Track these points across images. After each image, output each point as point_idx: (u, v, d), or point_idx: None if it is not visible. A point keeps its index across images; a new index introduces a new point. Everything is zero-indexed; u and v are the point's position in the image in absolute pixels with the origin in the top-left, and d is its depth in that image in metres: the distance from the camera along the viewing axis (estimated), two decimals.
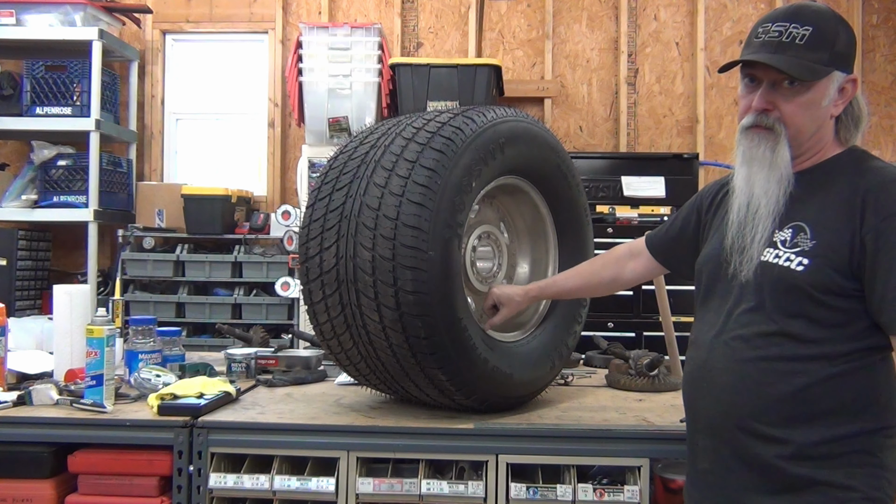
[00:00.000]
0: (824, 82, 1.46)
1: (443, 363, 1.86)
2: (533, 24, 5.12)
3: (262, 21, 5.19)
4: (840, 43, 1.46)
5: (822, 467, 1.42)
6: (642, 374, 2.44)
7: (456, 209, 1.86)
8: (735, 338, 1.49)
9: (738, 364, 1.48)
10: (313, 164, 4.40)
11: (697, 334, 1.60)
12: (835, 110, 1.50)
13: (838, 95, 1.49)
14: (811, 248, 1.44)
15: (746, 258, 1.50)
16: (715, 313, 1.56)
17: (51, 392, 2.07)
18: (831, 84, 1.47)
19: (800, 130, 1.49)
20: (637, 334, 4.21)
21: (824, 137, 1.52)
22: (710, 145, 5.01)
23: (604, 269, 2.00)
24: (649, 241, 1.90)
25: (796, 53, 1.44)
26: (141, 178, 5.14)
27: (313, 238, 1.95)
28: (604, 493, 1.85)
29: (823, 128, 1.51)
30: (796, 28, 1.45)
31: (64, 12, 4.54)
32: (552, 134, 2.23)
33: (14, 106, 4.57)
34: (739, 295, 1.52)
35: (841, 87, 1.49)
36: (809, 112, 1.48)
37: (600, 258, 2.04)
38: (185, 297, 4.60)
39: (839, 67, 1.46)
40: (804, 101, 1.47)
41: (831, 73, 1.46)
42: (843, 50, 1.47)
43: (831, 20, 1.47)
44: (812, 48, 1.44)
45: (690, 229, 1.76)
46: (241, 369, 2.52)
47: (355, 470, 1.89)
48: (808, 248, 1.44)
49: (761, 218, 1.49)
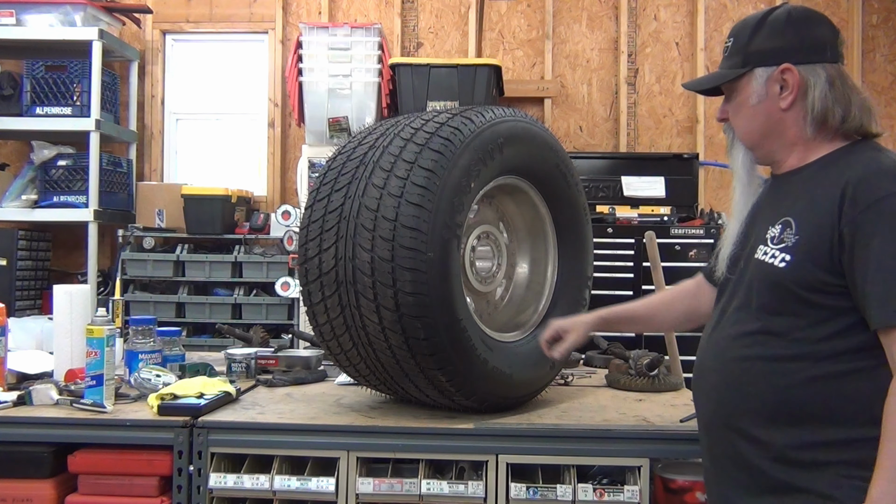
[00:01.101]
0: (743, 82, 1.52)
1: (442, 364, 1.86)
2: (533, 24, 5.12)
3: (262, 21, 5.19)
4: (756, 42, 1.50)
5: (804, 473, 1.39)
6: (642, 374, 2.44)
7: (455, 210, 1.86)
8: (724, 336, 1.51)
9: (724, 363, 1.50)
10: (313, 165, 4.40)
11: (703, 333, 1.63)
12: (782, 103, 1.49)
13: (779, 89, 1.49)
14: (794, 243, 1.43)
15: (745, 255, 1.53)
16: (716, 311, 1.58)
17: (51, 392, 2.07)
18: (752, 82, 1.51)
19: (743, 132, 1.55)
20: (637, 334, 4.20)
21: (786, 135, 1.51)
22: (710, 145, 5.01)
23: (677, 301, 1.88)
24: (705, 274, 1.82)
25: (721, 65, 1.56)
26: (141, 178, 5.15)
27: (312, 239, 1.95)
28: (604, 493, 1.85)
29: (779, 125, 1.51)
30: (726, 42, 1.58)
31: (64, 12, 4.54)
32: (551, 134, 2.23)
33: (14, 106, 4.57)
34: (733, 293, 1.53)
35: (778, 81, 1.49)
36: (742, 112, 1.54)
37: (673, 290, 1.93)
38: (185, 297, 4.60)
39: (758, 64, 1.50)
40: (735, 105, 1.55)
41: (747, 71, 1.51)
42: (761, 47, 1.50)
43: (749, 25, 1.53)
44: (730, 56, 1.55)
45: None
46: (241, 369, 2.52)
47: (355, 470, 1.89)
48: (792, 243, 1.43)
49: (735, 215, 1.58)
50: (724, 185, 5.03)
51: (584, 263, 2.34)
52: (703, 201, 4.89)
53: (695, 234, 4.27)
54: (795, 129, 1.50)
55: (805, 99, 1.47)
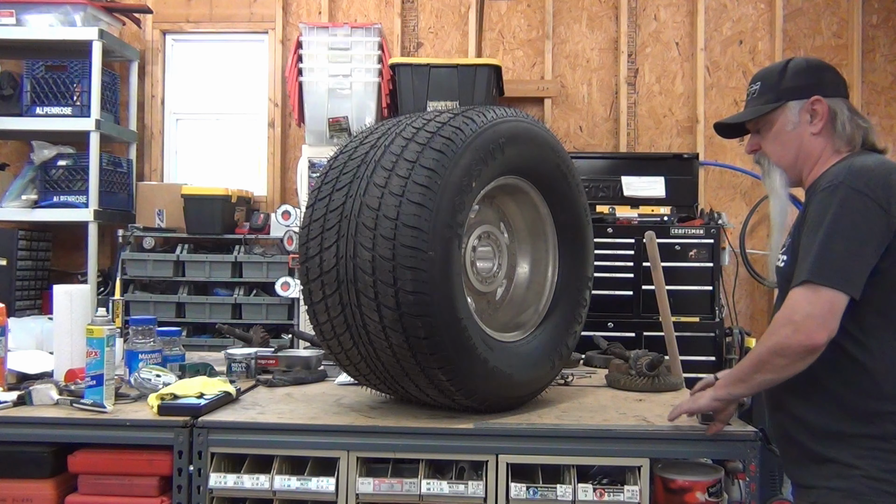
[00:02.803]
0: (779, 114, 1.82)
1: (443, 363, 1.86)
2: (533, 24, 5.12)
3: (262, 21, 5.19)
4: (787, 81, 1.82)
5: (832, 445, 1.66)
6: (642, 374, 2.44)
7: (456, 209, 1.86)
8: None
9: None
10: (313, 164, 4.40)
11: None
12: (813, 129, 1.79)
13: (809, 118, 1.79)
14: (788, 244, 1.78)
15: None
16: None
17: (51, 392, 2.07)
18: (788, 112, 1.81)
19: (779, 157, 1.84)
20: (637, 334, 4.20)
21: (812, 154, 1.81)
22: (710, 145, 5.01)
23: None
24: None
25: (752, 104, 1.87)
26: (141, 178, 5.14)
27: (313, 238, 1.95)
28: (604, 493, 1.85)
29: (807, 146, 1.81)
30: (752, 87, 1.89)
31: (64, 12, 4.54)
32: (552, 134, 2.23)
33: (14, 106, 4.57)
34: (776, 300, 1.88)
35: (808, 111, 1.79)
36: (779, 140, 1.83)
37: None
38: (185, 297, 4.59)
39: (792, 97, 1.80)
40: (771, 135, 1.85)
41: (782, 105, 1.81)
42: (793, 84, 1.81)
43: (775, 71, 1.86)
44: (761, 95, 1.86)
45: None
46: (241, 369, 2.52)
47: (355, 470, 1.89)
48: (788, 244, 1.79)
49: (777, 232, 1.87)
50: (723, 185, 5.03)
51: (585, 264, 2.34)
52: (703, 201, 4.89)
53: (695, 234, 4.27)
54: (819, 150, 1.81)
55: (834, 124, 1.79)
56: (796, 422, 1.74)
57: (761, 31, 5.04)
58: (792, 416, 1.75)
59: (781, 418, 1.79)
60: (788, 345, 1.61)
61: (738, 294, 4.88)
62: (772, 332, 1.65)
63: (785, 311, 1.63)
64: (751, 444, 1.85)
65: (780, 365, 1.63)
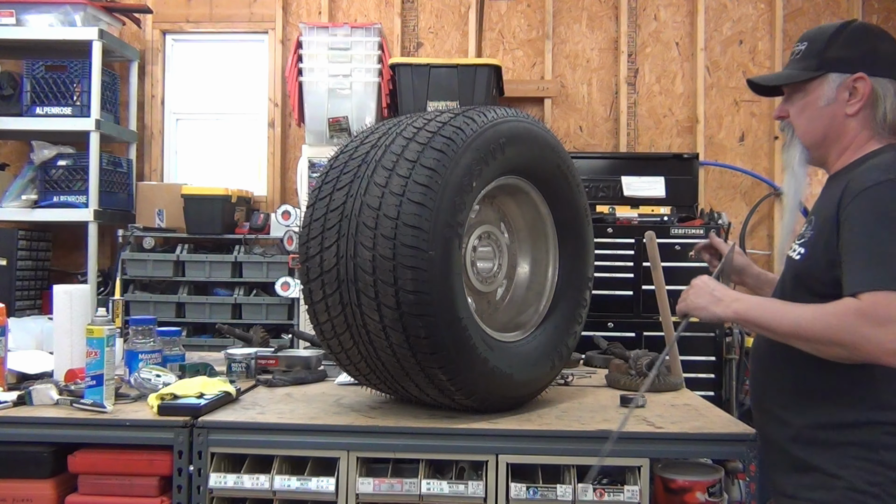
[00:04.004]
0: (816, 84, 1.62)
1: (443, 363, 1.86)
2: (533, 24, 5.12)
3: (262, 21, 5.19)
4: (833, 49, 1.60)
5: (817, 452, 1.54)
6: (642, 374, 2.44)
7: (456, 209, 1.86)
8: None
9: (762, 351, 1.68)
10: (313, 164, 4.40)
11: None
12: (849, 109, 1.59)
13: (847, 95, 1.59)
14: (809, 237, 1.59)
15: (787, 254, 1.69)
16: None
17: (51, 392, 2.06)
18: (825, 85, 1.61)
19: (805, 131, 1.64)
20: (637, 334, 4.20)
21: (844, 137, 1.61)
22: (710, 145, 5.01)
23: None
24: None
25: (791, 66, 1.66)
26: (141, 178, 5.14)
27: (314, 237, 1.95)
28: (604, 493, 1.85)
29: (841, 127, 1.61)
30: (797, 46, 1.68)
31: (64, 12, 4.53)
32: (552, 134, 2.23)
33: (14, 106, 4.57)
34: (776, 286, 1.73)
35: (848, 88, 1.59)
36: (806, 113, 1.64)
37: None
38: (185, 297, 4.59)
39: (834, 69, 1.60)
40: (800, 105, 1.65)
41: (823, 75, 1.61)
42: (840, 53, 1.60)
43: (826, 32, 1.64)
44: (803, 59, 1.64)
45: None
46: (241, 369, 2.52)
47: (355, 470, 1.89)
48: (808, 238, 1.59)
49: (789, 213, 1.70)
50: (723, 185, 5.03)
51: (585, 264, 2.34)
52: (703, 201, 4.89)
53: (695, 234, 4.26)
54: (852, 135, 1.62)
55: (874, 108, 1.59)
56: (780, 424, 1.63)
57: (761, 31, 5.04)
58: (776, 419, 1.64)
59: (765, 419, 1.69)
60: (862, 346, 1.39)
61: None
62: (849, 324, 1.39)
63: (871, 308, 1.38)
64: (751, 444, 1.85)
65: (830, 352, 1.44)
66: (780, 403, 1.61)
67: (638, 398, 1.98)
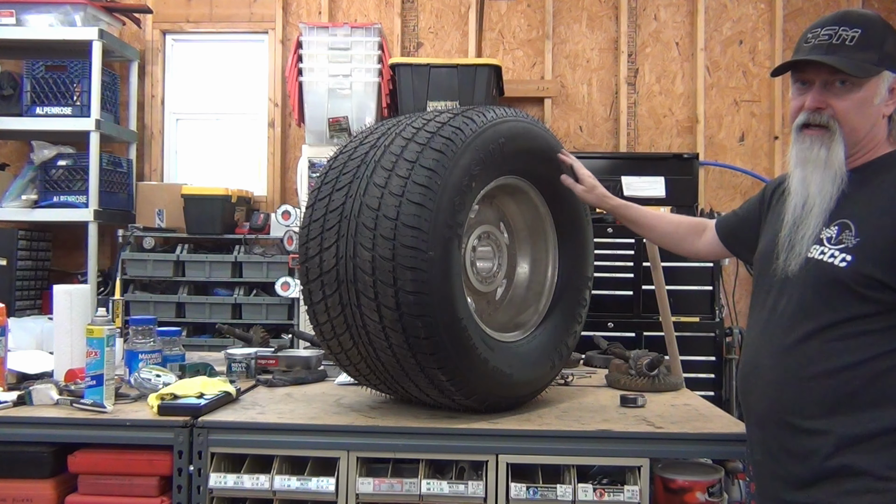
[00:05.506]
0: (875, 81, 1.52)
1: (443, 363, 1.86)
2: (533, 24, 5.12)
3: (262, 21, 5.19)
4: (889, 44, 1.52)
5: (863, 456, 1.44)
6: (642, 374, 2.44)
7: (456, 209, 1.86)
8: (780, 334, 1.54)
9: (782, 359, 1.53)
10: (313, 164, 4.40)
11: (749, 330, 1.69)
12: (886, 110, 1.55)
13: (889, 95, 1.54)
14: (855, 244, 1.47)
15: (794, 254, 1.55)
16: (761, 309, 1.63)
17: (51, 392, 2.07)
18: (882, 83, 1.53)
19: (854, 128, 1.54)
20: (637, 334, 4.21)
21: (877, 136, 1.56)
22: (710, 145, 5.01)
23: (683, 228, 2.05)
24: (717, 222, 1.97)
25: (847, 54, 1.50)
26: (141, 178, 5.14)
27: (313, 238, 1.95)
28: (604, 493, 1.85)
29: (876, 126, 1.56)
30: (845, 31, 1.51)
31: (64, 12, 4.53)
32: (552, 134, 2.23)
33: (14, 106, 4.57)
34: (783, 290, 1.57)
35: (891, 88, 1.54)
36: (862, 110, 1.53)
37: (680, 219, 2.09)
38: (185, 297, 4.59)
39: (889, 67, 1.52)
40: (857, 99, 1.52)
41: (881, 72, 1.51)
42: (892, 51, 1.52)
43: (878, 23, 1.54)
44: (861, 48, 1.50)
45: (753, 217, 1.82)
46: (241, 369, 2.52)
47: (355, 470, 1.89)
48: (853, 244, 1.48)
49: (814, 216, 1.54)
50: (723, 185, 5.03)
51: (585, 264, 2.34)
52: (703, 201, 4.89)
53: None
54: (883, 134, 1.57)
55: None
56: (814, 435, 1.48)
57: (761, 31, 5.04)
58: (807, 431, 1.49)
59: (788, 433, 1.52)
60: None
61: (738, 294, 4.88)
62: None
63: None
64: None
65: None
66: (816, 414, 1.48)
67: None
